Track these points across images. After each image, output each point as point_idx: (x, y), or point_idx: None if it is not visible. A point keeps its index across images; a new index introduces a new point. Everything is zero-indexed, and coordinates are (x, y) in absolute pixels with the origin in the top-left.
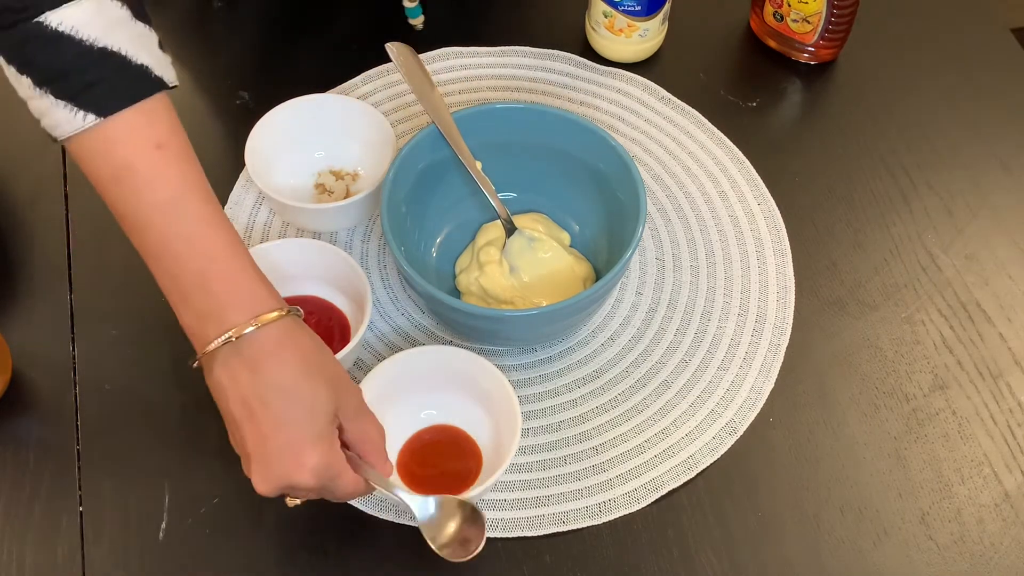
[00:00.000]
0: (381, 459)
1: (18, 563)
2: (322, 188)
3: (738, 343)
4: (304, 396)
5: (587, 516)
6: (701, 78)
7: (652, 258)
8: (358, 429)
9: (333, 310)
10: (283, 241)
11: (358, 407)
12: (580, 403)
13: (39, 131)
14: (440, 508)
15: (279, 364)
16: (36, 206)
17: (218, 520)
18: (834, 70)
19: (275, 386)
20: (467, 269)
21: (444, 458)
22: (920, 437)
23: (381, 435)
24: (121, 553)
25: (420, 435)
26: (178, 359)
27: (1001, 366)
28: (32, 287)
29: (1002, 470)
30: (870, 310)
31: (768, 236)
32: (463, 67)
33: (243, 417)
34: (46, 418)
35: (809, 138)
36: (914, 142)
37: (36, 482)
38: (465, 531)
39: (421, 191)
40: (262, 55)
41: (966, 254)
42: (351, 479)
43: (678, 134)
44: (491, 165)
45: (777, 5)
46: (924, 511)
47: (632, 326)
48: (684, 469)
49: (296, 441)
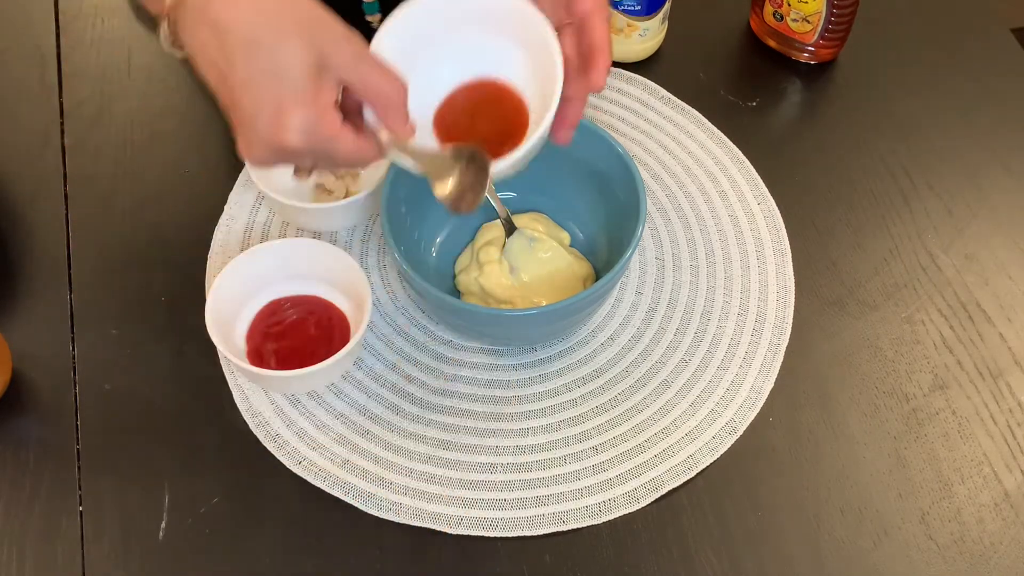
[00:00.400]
0: (395, 117)
1: (18, 563)
2: (322, 188)
3: (738, 343)
4: (266, 47)
5: (587, 516)
6: (701, 78)
7: (652, 258)
8: (361, 81)
9: (333, 310)
10: (283, 241)
11: (356, 55)
12: (580, 403)
13: (39, 130)
14: (450, 158)
15: (235, 14)
16: (36, 206)
17: (218, 520)
18: (834, 70)
19: (238, 43)
20: (467, 269)
21: (485, 120)
22: (920, 437)
23: (396, 89)
24: (121, 553)
25: (456, 95)
26: (178, 359)
27: (1001, 366)
28: (32, 287)
29: (1002, 470)
30: (870, 310)
31: (768, 236)
32: None
33: (217, 84)
34: (46, 418)
35: (809, 138)
36: (914, 142)
37: (36, 482)
38: (468, 180)
39: (421, 191)
40: None
41: (966, 254)
42: (350, 142)
43: (678, 134)
44: None
45: (777, 5)
46: (924, 511)
47: (632, 326)
48: (684, 469)
49: (270, 100)
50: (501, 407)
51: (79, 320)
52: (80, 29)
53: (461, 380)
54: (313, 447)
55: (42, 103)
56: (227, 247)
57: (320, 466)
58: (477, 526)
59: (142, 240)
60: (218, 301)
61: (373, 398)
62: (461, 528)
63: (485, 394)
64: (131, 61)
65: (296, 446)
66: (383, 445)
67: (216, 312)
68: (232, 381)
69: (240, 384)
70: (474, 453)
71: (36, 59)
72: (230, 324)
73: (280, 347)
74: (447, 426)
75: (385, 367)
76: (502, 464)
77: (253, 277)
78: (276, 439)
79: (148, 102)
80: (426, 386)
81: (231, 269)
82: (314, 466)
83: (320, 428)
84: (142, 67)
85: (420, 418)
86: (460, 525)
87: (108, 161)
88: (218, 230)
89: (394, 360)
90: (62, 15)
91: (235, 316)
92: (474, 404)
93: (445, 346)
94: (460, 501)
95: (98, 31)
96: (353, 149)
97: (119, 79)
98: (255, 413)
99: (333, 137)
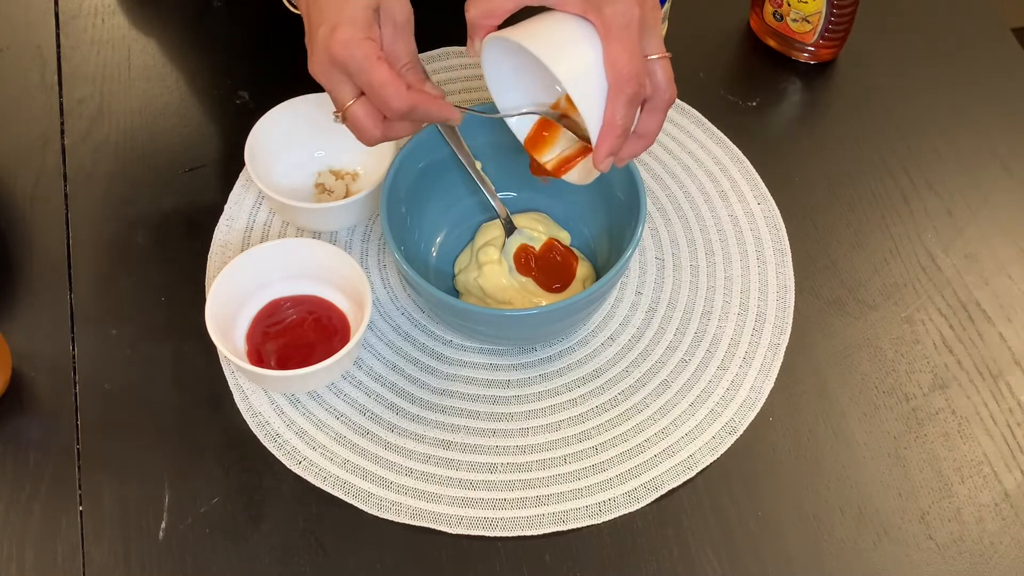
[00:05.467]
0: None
1: (18, 563)
2: (322, 188)
3: (738, 343)
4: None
5: (587, 516)
6: (701, 78)
7: (652, 258)
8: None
9: (333, 310)
10: (283, 241)
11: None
12: (580, 403)
13: (39, 130)
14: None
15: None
16: (36, 205)
17: (218, 520)
18: (834, 70)
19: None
20: (466, 269)
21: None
22: (920, 437)
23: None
24: (121, 553)
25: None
26: (178, 359)
27: (1001, 366)
28: (32, 287)
29: (1002, 470)
30: (870, 310)
31: (768, 236)
32: (463, 67)
33: (304, 12)
34: (46, 418)
35: (809, 138)
36: (914, 142)
37: (36, 482)
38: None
39: (421, 191)
40: (262, 55)
41: (966, 254)
42: (385, 72)
43: (678, 133)
44: (491, 165)
45: (777, 5)
46: (924, 511)
47: (632, 326)
48: (684, 468)
49: (330, 19)
50: (501, 407)
51: (79, 320)
52: (80, 29)
53: (461, 380)
54: (313, 447)
55: (42, 103)
56: (227, 247)
57: (320, 466)
58: (477, 526)
59: (142, 240)
60: (218, 301)
61: (373, 398)
62: (461, 528)
63: (485, 394)
64: (131, 61)
65: (296, 446)
66: (383, 445)
67: (216, 312)
68: (232, 381)
69: (240, 384)
70: (474, 453)
71: (36, 59)
72: (230, 324)
73: (280, 347)
74: (447, 426)
75: (385, 367)
76: (502, 464)
77: (253, 277)
78: (276, 439)
79: (148, 102)
80: (426, 386)
81: (231, 269)
82: (314, 466)
83: (320, 428)
84: (142, 67)
85: (420, 418)
86: (460, 525)
87: (108, 161)
88: (218, 230)
89: (394, 360)
90: (62, 15)
91: (235, 316)
92: (474, 404)
93: (445, 346)
94: (460, 501)
95: (98, 31)
96: (387, 79)
97: (119, 79)
98: (255, 413)
99: (368, 57)
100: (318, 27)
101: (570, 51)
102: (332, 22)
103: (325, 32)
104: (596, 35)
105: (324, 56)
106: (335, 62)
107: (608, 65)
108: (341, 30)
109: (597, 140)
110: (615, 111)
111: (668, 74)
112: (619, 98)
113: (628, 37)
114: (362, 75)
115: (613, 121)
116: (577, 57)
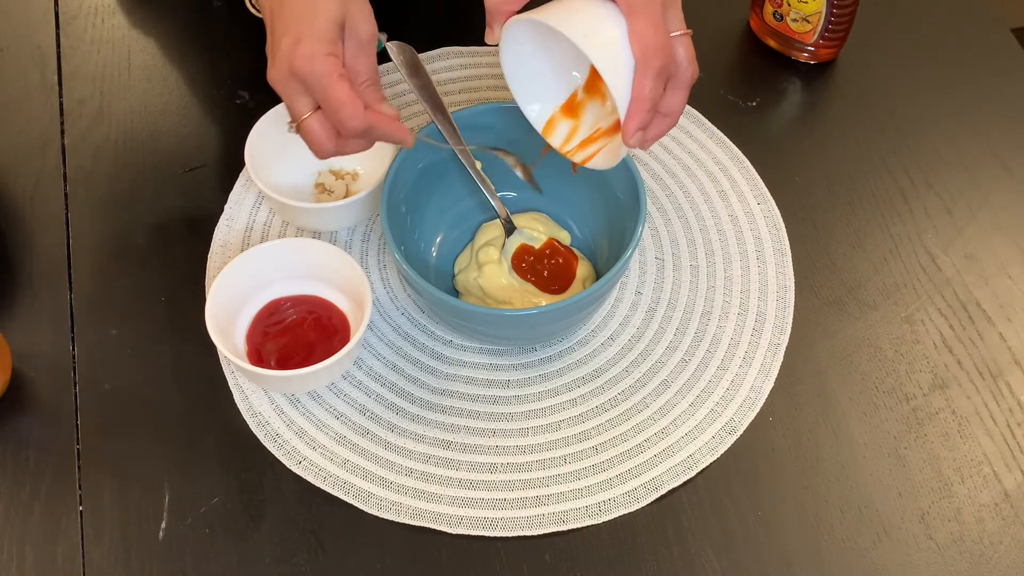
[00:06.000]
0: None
1: (18, 563)
2: (322, 188)
3: (738, 343)
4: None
5: (587, 516)
6: (701, 78)
7: (652, 258)
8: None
9: (333, 310)
10: (283, 241)
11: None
12: (580, 403)
13: (39, 130)
14: None
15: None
16: (36, 205)
17: (218, 520)
18: (834, 70)
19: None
20: (466, 269)
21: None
22: (920, 437)
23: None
24: (121, 553)
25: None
26: (178, 359)
27: (1001, 366)
28: (32, 287)
29: (1002, 470)
30: (870, 310)
31: (768, 236)
32: (463, 67)
33: (267, 19)
34: (46, 418)
35: (809, 138)
36: (914, 142)
37: (36, 482)
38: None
39: (421, 191)
40: (262, 55)
41: (966, 254)
42: (344, 91)
43: (678, 133)
44: (491, 165)
45: (777, 5)
46: (924, 511)
47: (632, 326)
48: (684, 468)
49: (295, 30)
50: (501, 407)
51: (79, 320)
52: (80, 29)
53: (461, 380)
54: (313, 447)
55: (42, 103)
56: (227, 247)
57: (320, 466)
58: (477, 526)
59: (142, 240)
60: (218, 301)
61: (373, 398)
62: (461, 528)
63: (485, 394)
64: (131, 61)
65: (296, 446)
66: (383, 445)
67: (216, 312)
68: (232, 381)
69: (240, 384)
70: (474, 453)
71: (36, 59)
72: (230, 324)
73: (280, 347)
74: (447, 426)
75: (385, 367)
76: (502, 464)
77: (253, 277)
78: (276, 439)
79: (148, 101)
80: (426, 386)
81: (231, 269)
82: (314, 466)
83: (320, 428)
84: (142, 67)
85: (420, 418)
86: (460, 525)
87: (108, 160)
88: (218, 230)
89: (394, 360)
90: (62, 15)
91: (235, 316)
92: (474, 404)
93: (445, 346)
94: (460, 501)
95: (98, 31)
96: (345, 98)
97: (119, 79)
98: (255, 413)
99: (328, 74)
100: (282, 37)
101: (596, 28)
102: (296, 34)
103: (288, 43)
104: (619, 14)
105: (285, 67)
106: (295, 74)
107: (635, 40)
108: (305, 44)
109: (627, 115)
110: (643, 84)
111: (690, 51)
112: (648, 71)
113: (652, 12)
114: (321, 91)
115: (642, 95)
116: (603, 33)
